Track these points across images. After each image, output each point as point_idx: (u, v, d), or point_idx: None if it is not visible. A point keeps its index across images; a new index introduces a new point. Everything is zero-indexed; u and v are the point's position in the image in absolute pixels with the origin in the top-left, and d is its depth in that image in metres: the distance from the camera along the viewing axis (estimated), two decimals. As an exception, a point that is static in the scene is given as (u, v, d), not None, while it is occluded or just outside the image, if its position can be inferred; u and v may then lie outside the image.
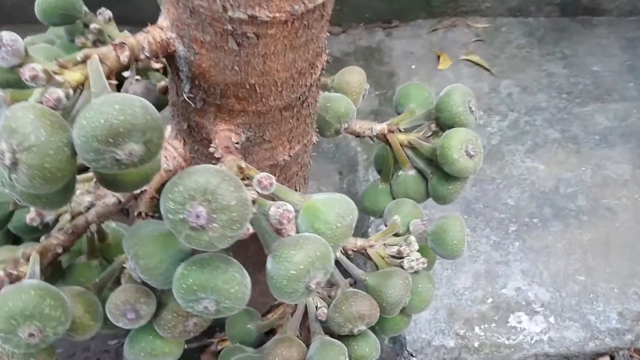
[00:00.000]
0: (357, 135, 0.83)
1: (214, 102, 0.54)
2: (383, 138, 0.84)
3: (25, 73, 0.41)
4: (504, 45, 1.54)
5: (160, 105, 0.78)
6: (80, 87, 0.46)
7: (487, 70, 1.48)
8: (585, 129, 1.35)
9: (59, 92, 0.42)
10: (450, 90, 0.79)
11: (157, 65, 0.82)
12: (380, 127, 0.83)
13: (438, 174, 0.81)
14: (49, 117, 0.40)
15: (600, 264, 1.14)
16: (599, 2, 1.59)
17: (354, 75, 0.78)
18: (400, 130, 0.84)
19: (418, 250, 0.76)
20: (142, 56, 0.49)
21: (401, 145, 0.84)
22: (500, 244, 1.18)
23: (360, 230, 1.25)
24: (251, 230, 0.48)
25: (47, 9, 0.72)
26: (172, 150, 0.65)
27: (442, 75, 1.49)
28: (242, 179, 0.52)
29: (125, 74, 0.85)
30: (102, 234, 0.69)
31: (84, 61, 0.46)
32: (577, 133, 1.35)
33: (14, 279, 0.53)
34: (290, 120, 0.60)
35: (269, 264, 0.49)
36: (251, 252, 0.72)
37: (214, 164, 0.55)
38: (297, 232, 0.53)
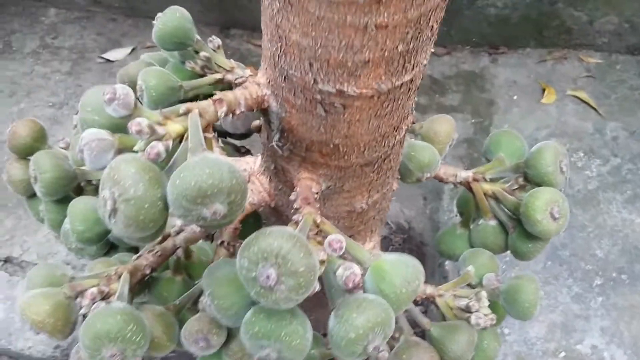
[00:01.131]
0: (441, 181, 0.83)
1: (299, 153, 0.57)
2: (467, 186, 0.83)
3: (132, 128, 0.46)
4: (616, 85, 1.46)
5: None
6: (180, 138, 0.50)
7: (594, 109, 1.42)
8: (694, 186, 1.27)
9: (160, 147, 0.46)
10: (543, 148, 0.77)
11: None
12: (465, 174, 0.83)
13: (519, 230, 0.80)
14: (148, 172, 0.45)
15: (690, 335, 1.07)
16: None
17: (443, 125, 0.78)
18: (485, 180, 0.83)
19: (488, 306, 0.75)
20: (238, 111, 0.53)
21: (485, 194, 0.83)
22: (582, 297, 1.14)
23: (435, 265, 1.25)
24: (318, 288, 0.50)
25: (162, 36, 0.78)
26: (258, 185, 0.69)
27: (545, 110, 1.44)
28: (316, 233, 0.54)
29: (226, 99, 0.90)
30: (188, 252, 0.74)
31: (185, 114, 0.50)
32: (685, 189, 1.26)
33: (105, 296, 0.59)
34: (371, 174, 0.61)
35: (331, 321, 0.51)
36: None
37: (292, 213, 0.58)
38: (363, 289, 0.55)
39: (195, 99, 0.89)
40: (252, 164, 0.77)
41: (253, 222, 0.90)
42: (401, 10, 0.40)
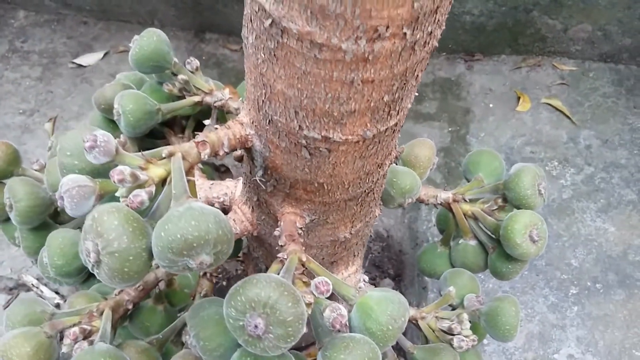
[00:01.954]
0: (422, 202, 0.84)
1: (283, 190, 0.57)
2: (447, 206, 0.84)
3: (114, 177, 0.45)
4: (589, 92, 1.48)
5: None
6: (162, 181, 0.49)
7: (568, 117, 1.44)
8: (665, 194, 1.30)
9: (143, 195, 0.46)
10: (521, 171, 0.78)
11: (235, 105, 0.84)
12: (445, 195, 0.83)
13: (499, 251, 0.81)
14: (132, 223, 0.44)
15: (662, 343, 1.10)
16: (699, 53, 1.51)
17: (424, 150, 0.78)
18: (465, 200, 0.84)
19: (470, 326, 0.76)
20: (221, 152, 0.52)
21: (465, 214, 0.84)
22: (558, 307, 1.16)
23: (414, 274, 1.26)
24: (305, 331, 0.50)
25: (139, 60, 0.77)
26: (240, 215, 0.68)
27: (520, 118, 1.45)
28: (302, 273, 0.54)
29: (206, 122, 0.89)
30: (169, 279, 0.74)
31: (168, 157, 0.50)
32: (656, 197, 1.29)
33: (87, 334, 0.58)
34: (355, 207, 0.62)
35: (319, 361, 0.52)
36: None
37: (277, 250, 0.58)
38: (349, 326, 0.55)
39: (172, 120, 0.88)
40: (232, 188, 0.77)
41: (235, 242, 0.90)
42: (388, 66, 0.40)
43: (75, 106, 1.67)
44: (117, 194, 0.48)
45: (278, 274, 0.53)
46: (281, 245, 0.57)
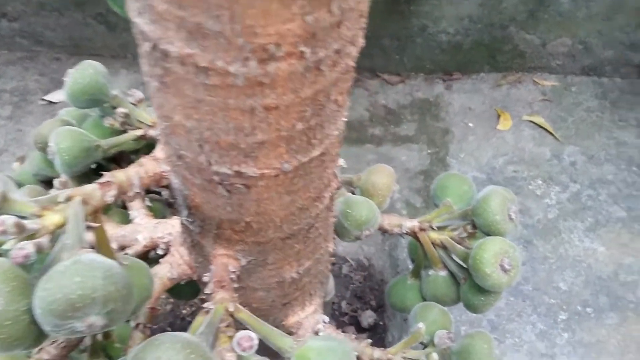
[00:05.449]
0: (385, 232, 0.78)
1: (211, 230, 0.51)
2: (414, 236, 0.78)
3: (-5, 228, 0.39)
4: (573, 107, 1.43)
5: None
6: (60, 229, 0.44)
7: (551, 134, 1.39)
8: (655, 210, 1.24)
9: (29, 248, 0.40)
10: (488, 196, 0.73)
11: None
12: (410, 224, 0.78)
13: (470, 282, 0.75)
14: (10, 282, 0.38)
15: (659, 371, 1.03)
16: (683, 62, 1.46)
17: (382, 177, 0.73)
18: (432, 228, 0.78)
19: (441, 366, 0.70)
20: (131, 193, 0.47)
21: (433, 243, 0.78)
22: (547, 334, 1.09)
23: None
24: (229, 393, 0.44)
25: (74, 94, 0.72)
26: (177, 257, 0.63)
27: (501, 137, 1.40)
28: (227, 326, 0.48)
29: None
30: (107, 331, 0.67)
31: (66, 201, 0.44)
32: (646, 213, 1.23)
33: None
34: (296, 245, 0.56)
35: None
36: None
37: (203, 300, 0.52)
38: (288, 382, 0.49)
39: (119, 156, 0.83)
40: (177, 227, 0.71)
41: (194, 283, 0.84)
42: (291, 90, 0.34)
43: (45, 143, 1.62)
44: (4, 247, 0.42)
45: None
46: (208, 294, 0.51)
